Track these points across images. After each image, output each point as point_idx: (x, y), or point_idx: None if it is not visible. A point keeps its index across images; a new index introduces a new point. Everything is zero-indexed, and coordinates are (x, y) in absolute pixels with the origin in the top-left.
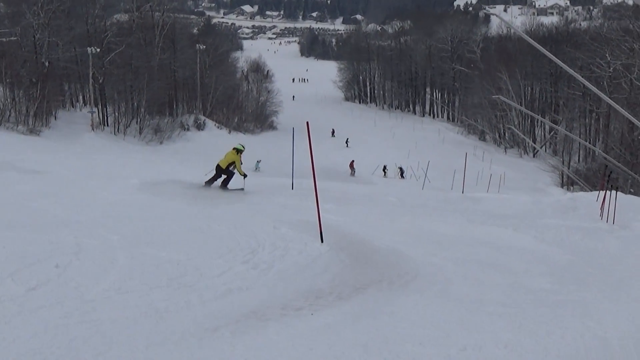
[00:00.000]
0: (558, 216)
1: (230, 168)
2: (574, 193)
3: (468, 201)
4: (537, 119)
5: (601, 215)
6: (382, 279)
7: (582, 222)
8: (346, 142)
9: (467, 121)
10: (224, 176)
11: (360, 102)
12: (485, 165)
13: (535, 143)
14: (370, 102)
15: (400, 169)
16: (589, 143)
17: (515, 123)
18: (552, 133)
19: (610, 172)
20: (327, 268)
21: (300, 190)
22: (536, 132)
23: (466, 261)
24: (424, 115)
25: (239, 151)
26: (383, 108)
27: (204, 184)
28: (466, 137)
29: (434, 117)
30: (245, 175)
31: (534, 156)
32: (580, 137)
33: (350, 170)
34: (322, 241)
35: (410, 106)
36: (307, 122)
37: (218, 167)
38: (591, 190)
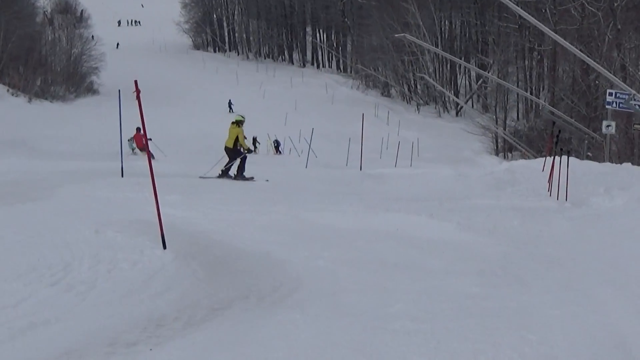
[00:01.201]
0: (490, 194)
1: (238, 146)
2: (512, 162)
3: (368, 180)
4: (460, 64)
5: (549, 190)
6: (248, 295)
7: (522, 201)
8: (229, 105)
9: (365, 71)
10: (237, 160)
11: (215, 51)
12: (391, 130)
13: (458, 97)
14: (230, 50)
15: (276, 141)
16: (530, 94)
17: (430, 71)
18: (480, 82)
19: (559, 132)
20: (173, 284)
21: (134, 177)
22: (459, 82)
23: (365, 262)
24: (304, 66)
25: (239, 123)
26: (248, 57)
27: (219, 173)
28: (364, 92)
29: (318, 67)
30: (250, 150)
31: (457, 115)
32: (518, 86)
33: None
34: (164, 247)
35: (286, 54)
36: (136, 81)
37: (226, 149)
38: (535, 157)
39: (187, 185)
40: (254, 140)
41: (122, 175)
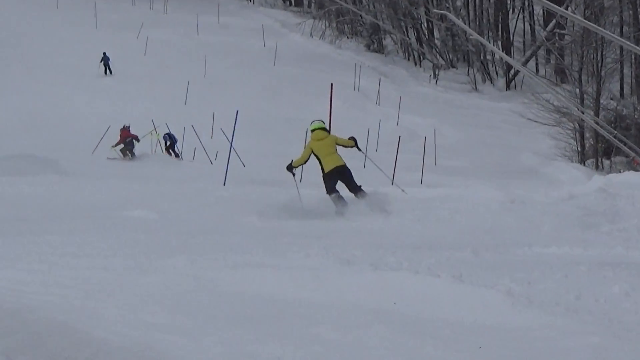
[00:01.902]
0: (570, 237)
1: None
2: (610, 176)
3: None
4: None
5: None
6: None
7: (630, 250)
8: (105, 64)
9: (336, 4)
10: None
11: None
12: (386, 113)
13: (510, 55)
14: None
15: (168, 136)
16: None
17: (457, 4)
18: (551, 27)
19: None
20: None
21: None
22: (512, 27)
23: None
24: None
25: (325, 128)
26: None
27: (337, 208)
28: (334, 44)
29: None
30: (354, 140)
31: (508, 87)
32: (622, 35)
33: (119, 149)
34: None
35: None
36: None
37: (337, 170)
38: None
39: (7, 214)
40: (125, 136)
41: None
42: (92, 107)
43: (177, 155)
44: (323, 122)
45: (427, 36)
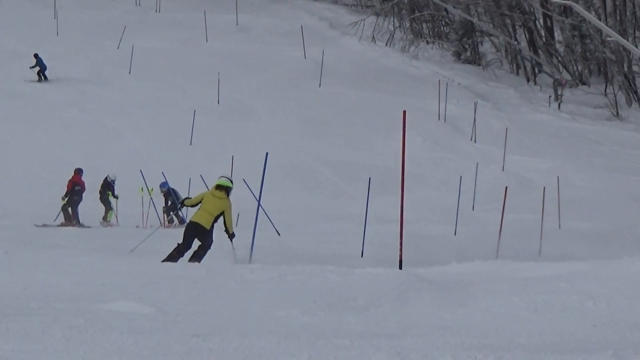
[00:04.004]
0: None
1: (214, 225)
2: None
3: (420, 296)
4: None
5: None
6: None
7: None
8: (39, 71)
9: None
10: (198, 245)
11: None
12: (487, 152)
13: None
14: None
15: (169, 192)
16: None
17: None
18: None
19: None
20: None
21: None
22: None
23: None
24: None
25: (228, 190)
26: None
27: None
28: (408, 52)
29: None
30: (233, 235)
31: None
32: None
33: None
34: None
35: None
36: None
37: (196, 227)
38: None
39: None
40: (109, 187)
41: None
42: (52, 148)
43: (181, 221)
44: (229, 180)
45: (544, 39)
